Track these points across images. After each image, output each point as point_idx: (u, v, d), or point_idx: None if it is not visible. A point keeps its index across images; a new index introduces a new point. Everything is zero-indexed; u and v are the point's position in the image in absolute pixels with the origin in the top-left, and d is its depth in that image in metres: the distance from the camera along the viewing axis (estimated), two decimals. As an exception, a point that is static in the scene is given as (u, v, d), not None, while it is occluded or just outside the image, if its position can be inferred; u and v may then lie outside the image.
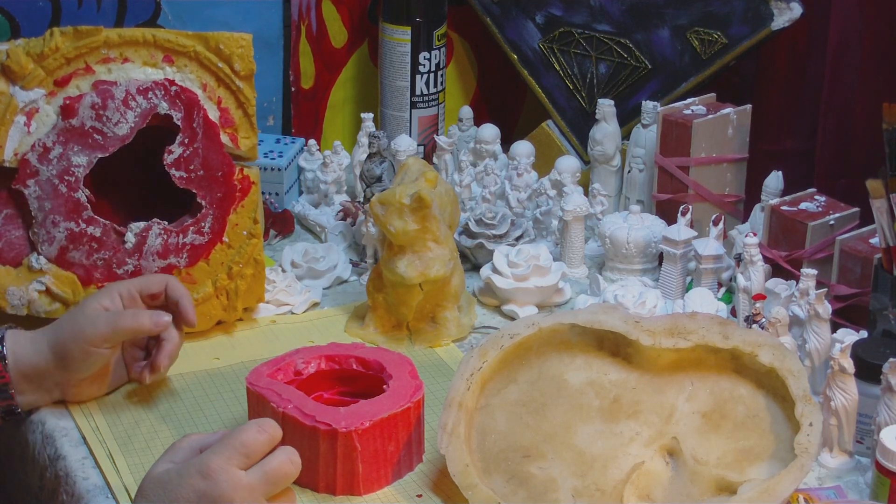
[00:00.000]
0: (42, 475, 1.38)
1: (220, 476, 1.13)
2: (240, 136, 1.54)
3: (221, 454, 1.14)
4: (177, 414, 1.40)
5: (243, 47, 1.52)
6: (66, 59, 1.48)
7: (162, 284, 1.42)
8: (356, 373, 1.36)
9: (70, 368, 1.37)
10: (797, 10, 1.78)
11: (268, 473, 1.15)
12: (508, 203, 1.79)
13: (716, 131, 1.72)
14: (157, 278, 1.43)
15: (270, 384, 1.31)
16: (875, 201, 1.42)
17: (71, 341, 1.36)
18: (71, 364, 1.37)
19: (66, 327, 1.37)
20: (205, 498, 1.12)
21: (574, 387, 1.33)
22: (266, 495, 1.15)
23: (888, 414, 1.29)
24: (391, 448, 1.29)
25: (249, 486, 1.14)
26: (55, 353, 1.36)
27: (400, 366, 1.34)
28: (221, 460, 1.14)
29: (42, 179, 1.48)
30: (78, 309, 1.39)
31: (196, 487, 1.13)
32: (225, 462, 1.14)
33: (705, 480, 1.25)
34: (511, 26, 1.94)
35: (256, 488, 1.14)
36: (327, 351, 1.38)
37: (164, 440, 1.36)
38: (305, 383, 1.34)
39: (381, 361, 1.35)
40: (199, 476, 1.13)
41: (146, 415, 1.40)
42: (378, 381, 1.33)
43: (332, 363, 1.36)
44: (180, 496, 1.13)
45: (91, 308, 1.37)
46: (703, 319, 1.33)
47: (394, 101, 1.93)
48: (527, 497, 1.25)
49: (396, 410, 1.28)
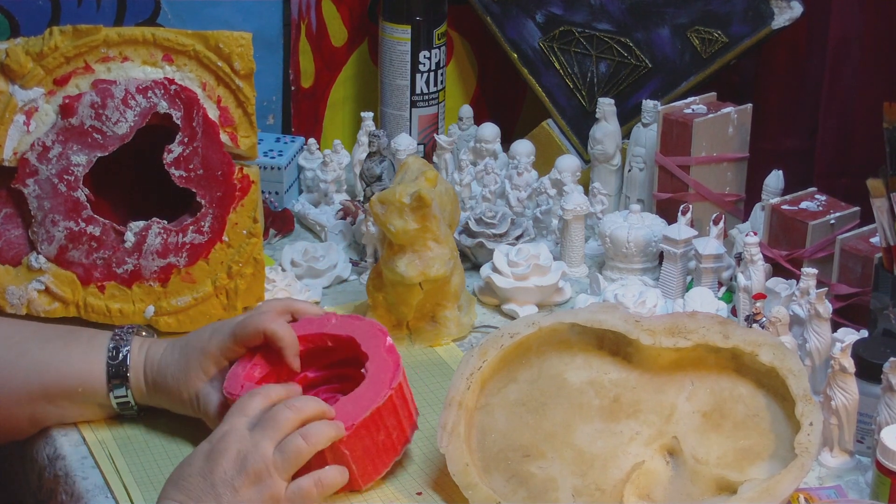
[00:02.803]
0: (41, 475, 1.38)
1: (224, 433, 1.21)
2: (239, 135, 1.53)
3: (227, 420, 1.23)
4: (176, 413, 1.40)
5: (243, 46, 1.52)
6: (66, 58, 1.48)
7: (260, 336, 1.35)
8: (332, 353, 1.36)
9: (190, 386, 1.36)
10: (797, 9, 1.78)
11: (265, 420, 1.22)
12: (508, 202, 1.79)
13: (716, 130, 1.71)
14: (251, 327, 1.35)
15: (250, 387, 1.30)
16: (875, 200, 1.42)
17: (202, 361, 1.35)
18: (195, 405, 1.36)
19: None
20: (212, 452, 1.20)
21: (574, 386, 1.33)
22: (271, 439, 1.21)
23: (888, 413, 1.28)
24: (382, 437, 1.28)
25: (252, 435, 1.21)
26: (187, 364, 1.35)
27: (374, 339, 1.32)
28: (225, 424, 1.22)
29: (41, 178, 1.48)
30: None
31: (204, 449, 1.21)
32: (228, 423, 1.22)
33: (705, 480, 1.25)
34: (511, 25, 1.94)
35: (258, 434, 1.21)
36: (299, 331, 1.35)
37: (163, 440, 1.36)
38: (285, 372, 1.34)
39: (356, 337, 1.33)
40: (206, 441, 1.21)
41: (146, 414, 1.40)
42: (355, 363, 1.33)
43: (307, 342, 1.35)
44: (192, 460, 1.21)
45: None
46: (704, 319, 1.32)
47: (394, 100, 1.93)
48: (527, 496, 1.24)
49: (379, 403, 1.27)
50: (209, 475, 1.17)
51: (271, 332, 1.32)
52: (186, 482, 1.18)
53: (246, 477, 1.18)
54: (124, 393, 1.36)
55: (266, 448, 1.19)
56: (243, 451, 1.19)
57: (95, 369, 1.36)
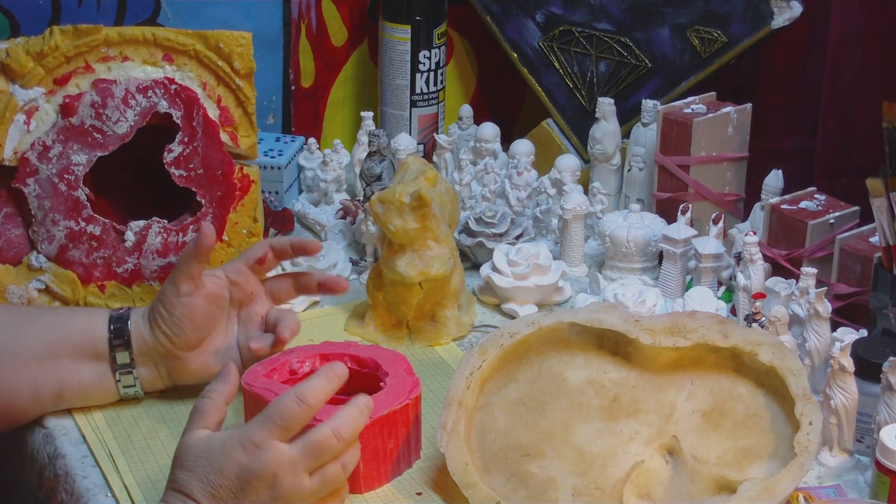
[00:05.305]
0: (41, 473, 1.38)
1: (263, 450, 1.16)
2: (239, 135, 1.54)
3: (264, 426, 1.17)
4: (176, 413, 1.40)
5: (243, 46, 1.52)
6: (66, 58, 1.48)
7: (265, 248, 1.43)
8: (351, 371, 1.36)
9: (165, 325, 1.37)
10: (797, 8, 1.78)
11: (308, 447, 1.17)
12: (508, 202, 1.79)
13: (716, 130, 1.71)
14: (258, 245, 1.43)
15: (267, 384, 1.30)
16: (875, 200, 1.42)
17: (161, 294, 1.38)
18: (165, 321, 1.37)
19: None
20: (248, 471, 1.15)
21: (574, 385, 1.33)
22: (308, 468, 1.18)
23: (888, 413, 1.29)
24: (391, 445, 1.29)
25: (291, 460, 1.16)
26: (152, 313, 1.38)
27: (395, 363, 1.34)
28: (264, 434, 1.16)
29: (42, 178, 1.48)
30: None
31: (239, 461, 1.16)
32: (267, 436, 1.16)
33: (705, 479, 1.25)
34: (511, 25, 1.94)
35: (298, 461, 1.17)
36: (321, 350, 1.37)
37: (163, 439, 1.36)
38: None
39: (377, 359, 1.35)
40: (242, 450, 1.16)
41: (146, 414, 1.40)
42: (374, 378, 1.33)
43: (327, 362, 1.36)
44: (224, 469, 1.15)
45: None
46: (703, 318, 1.33)
47: (394, 100, 1.93)
48: (526, 496, 1.25)
49: (396, 407, 1.28)
50: (241, 495, 1.16)
51: (270, 243, 1.41)
52: (217, 493, 1.16)
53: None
54: (123, 341, 1.37)
55: (303, 479, 1.17)
56: (280, 478, 1.16)
57: (98, 320, 1.38)
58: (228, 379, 1.24)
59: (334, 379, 1.21)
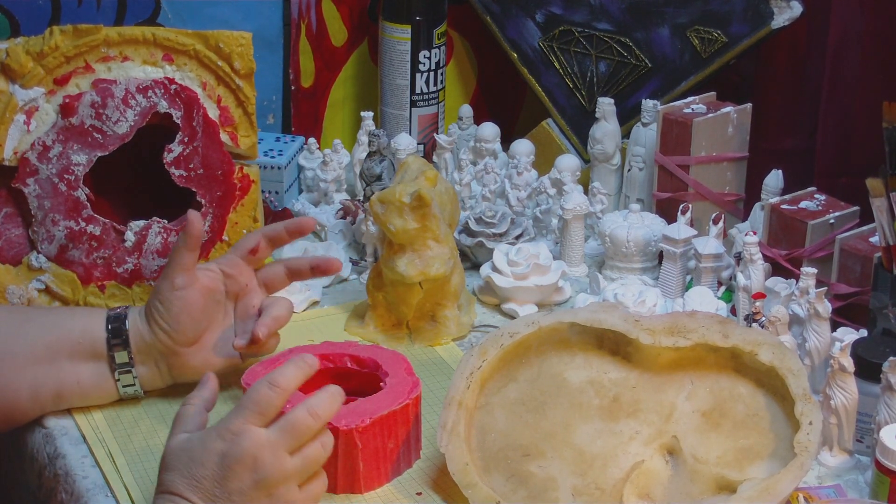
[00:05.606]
0: (41, 473, 1.38)
1: (240, 436, 1.16)
2: (239, 135, 1.54)
3: (239, 415, 1.17)
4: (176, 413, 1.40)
5: (243, 46, 1.52)
6: (66, 58, 1.48)
7: (256, 237, 1.43)
8: (351, 371, 1.36)
9: (163, 320, 1.37)
10: (797, 8, 1.78)
11: (285, 427, 1.17)
12: (508, 202, 1.79)
13: (716, 130, 1.71)
14: (250, 235, 1.44)
15: None
16: (875, 200, 1.42)
17: (156, 290, 1.38)
18: (162, 316, 1.37)
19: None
20: (228, 458, 1.15)
21: (574, 385, 1.33)
22: (289, 448, 1.18)
23: (888, 413, 1.29)
24: (391, 445, 1.29)
25: (270, 442, 1.16)
26: (149, 310, 1.38)
27: (395, 363, 1.34)
28: (240, 421, 1.16)
29: (42, 178, 1.48)
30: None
31: (219, 449, 1.16)
32: (243, 422, 1.16)
33: (705, 479, 1.25)
34: (511, 25, 1.94)
35: (277, 443, 1.17)
36: (321, 350, 1.37)
37: (163, 439, 1.35)
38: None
39: (377, 359, 1.35)
40: (220, 439, 1.16)
41: (146, 414, 1.40)
42: (374, 378, 1.33)
43: (327, 362, 1.36)
44: (205, 460, 1.16)
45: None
46: (703, 318, 1.33)
47: (394, 100, 1.93)
48: (526, 496, 1.25)
49: (396, 407, 1.28)
50: (224, 482, 1.15)
51: (263, 231, 1.43)
52: (201, 485, 1.16)
53: (263, 488, 1.16)
54: (121, 340, 1.37)
55: (285, 459, 1.17)
56: (260, 460, 1.16)
57: (96, 320, 1.38)
58: (208, 385, 1.25)
59: (305, 367, 1.21)
